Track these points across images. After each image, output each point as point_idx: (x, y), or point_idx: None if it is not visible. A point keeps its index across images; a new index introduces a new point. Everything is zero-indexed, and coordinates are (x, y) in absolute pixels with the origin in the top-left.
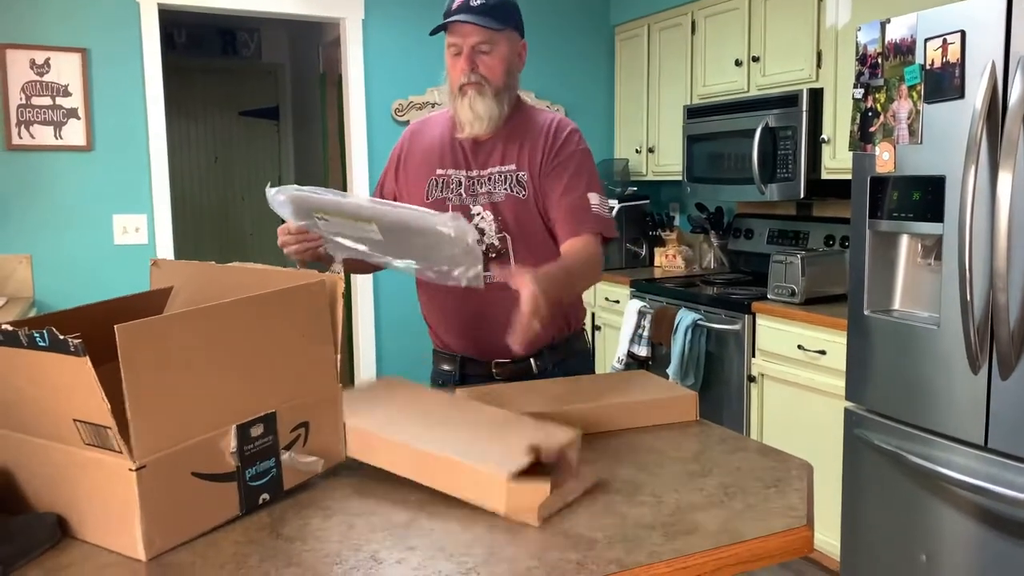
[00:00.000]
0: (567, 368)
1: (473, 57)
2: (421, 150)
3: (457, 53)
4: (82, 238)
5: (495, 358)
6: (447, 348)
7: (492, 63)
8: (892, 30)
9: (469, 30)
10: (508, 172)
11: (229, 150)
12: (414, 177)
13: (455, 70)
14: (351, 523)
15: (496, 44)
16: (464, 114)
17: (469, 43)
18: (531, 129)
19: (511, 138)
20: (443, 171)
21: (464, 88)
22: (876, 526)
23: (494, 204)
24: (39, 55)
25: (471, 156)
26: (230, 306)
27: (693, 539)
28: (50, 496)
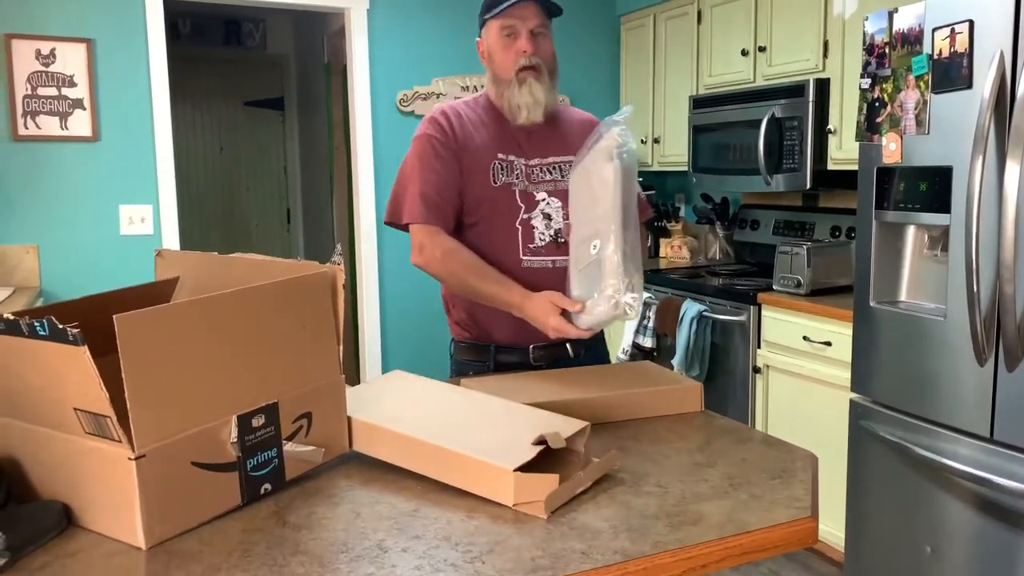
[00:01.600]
0: (595, 353)
1: (533, 39)
2: (473, 133)
3: (510, 34)
4: (88, 228)
5: (535, 342)
6: (481, 338)
7: (547, 47)
8: (900, 19)
9: (530, 12)
10: (571, 162)
11: (234, 140)
12: (474, 159)
13: (510, 52)
14: (357, 512)
15: (548, 29)
16: (524, 99)
17: (528, 25)
18: (573, 122)
19: (560, 129)
20: (504, 155)
21: (523, 74)
22: (881, 517)
23: (561, 191)
24: (44, 45)
25: (526, 144)
26: (231, 296)
27: (698, 529)
28: (53, 484)
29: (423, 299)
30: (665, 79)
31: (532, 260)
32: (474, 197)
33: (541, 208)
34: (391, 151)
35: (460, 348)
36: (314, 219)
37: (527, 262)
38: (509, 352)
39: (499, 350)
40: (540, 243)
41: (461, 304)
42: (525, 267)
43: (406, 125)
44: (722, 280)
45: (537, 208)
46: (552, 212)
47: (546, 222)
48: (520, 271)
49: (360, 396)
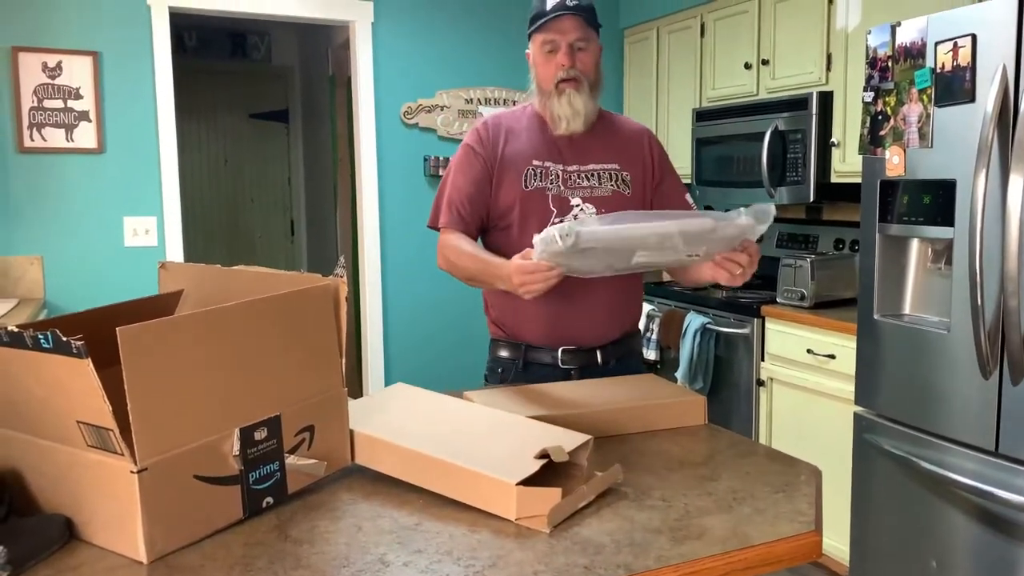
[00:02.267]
0: (626, 365)
1: (572, 53)
2: (510, 141)
3: (552, 50)
4: (93, 240)
5: (565, 345)
6: (513, 336)
7: (588, 60)
8: (902, 33)
9: (569, 27)
10: (612, 170)
11: (239, 152)
12: (508, 166)
13: (550, 66)
14: (359, 526)
15: (590, 42)
16: (563, 110)
17: (568, 39)
18: (621, 131)
19: (604, 137)
20: (539, 162)
21: (562, 85)
22: (886, 531)
23: (597, 198)
24: (51, 58)
25: (566, 151)
26: (234, 309)
27: (701, 544)
28: (56, 497)
29: (426, 312)
30: (668, 92)
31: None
32: (506, 201)
33: (574, 213)
34: (395, 163)
35: (496, 345)
36: (318, 231)
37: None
38: (539, 352)
39: (529, 349)
40: None
41: (495, 305)
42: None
43: (410, 137)
44: (726, 293)
45: (570, 213)
46: (585, 218)
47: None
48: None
49: (362, 409)
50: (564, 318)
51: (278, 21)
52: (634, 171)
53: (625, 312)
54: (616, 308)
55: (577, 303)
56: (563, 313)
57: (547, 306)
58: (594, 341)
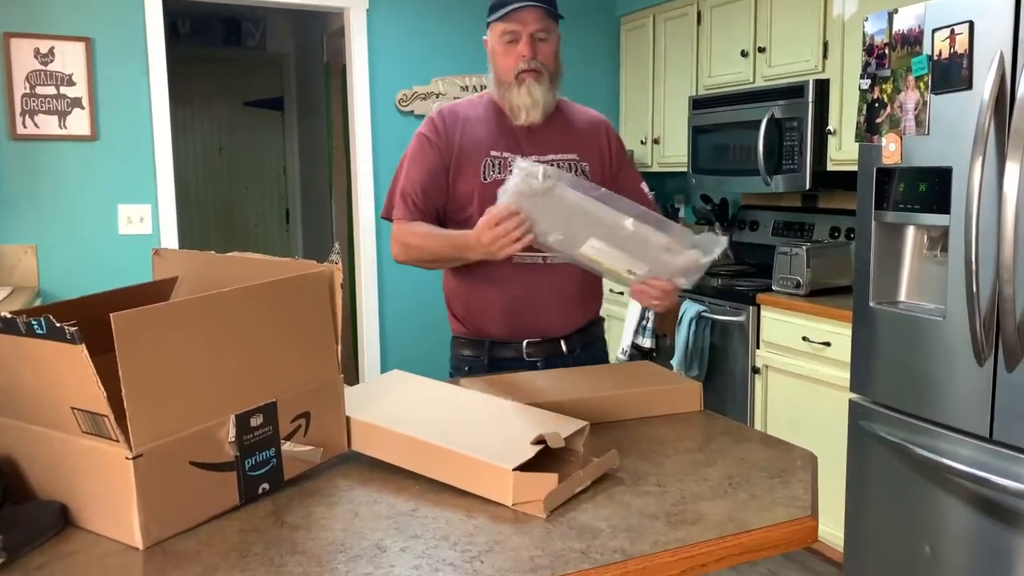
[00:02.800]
0: (591, 353)
1: (533, 44)
2: (466, 131)
3: (512, 40)
4: (87, 228)
5: (529, 338)
6: (476, 333)
7: (548, 51)
8: (899, 20)
9: (530, 17)
10: (571, 161)
11: (233, 140)
12: (464, 157)
13: (510, 57)
14: (356, 512)
15: (551, 33)
16: (522, 100)
17: (529, 30)
18: (579, 121)
19: (562, 127)
20: (497, 153)
21: (522, 76)
22: (880, 517)
23: None
24: (43, 44)
25: (525, 141)
26: (229, 295)
27: (697, 529)
28: (51, 484)
29: (422, 299)
30: (665, 80)
31: (523, 256)
32: (464, 192)
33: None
34: (390, 151)
35: (458, 343)
36: (313, 219)
37: (518, 258)
38: (504, 347)
39: (493, 345)
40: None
41: (458, 300)
42: (516, 262)
43: (405, 125)
44: (721, 281)
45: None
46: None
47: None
48: (510, 267)
49: (359, 396)
50: (528, 308)
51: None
52: (592, 162)
53: (588, 298)
54: (579, 295)
55: (541, 292)
56: (527, 303)
57: (511, 296)
58: (559, 331)
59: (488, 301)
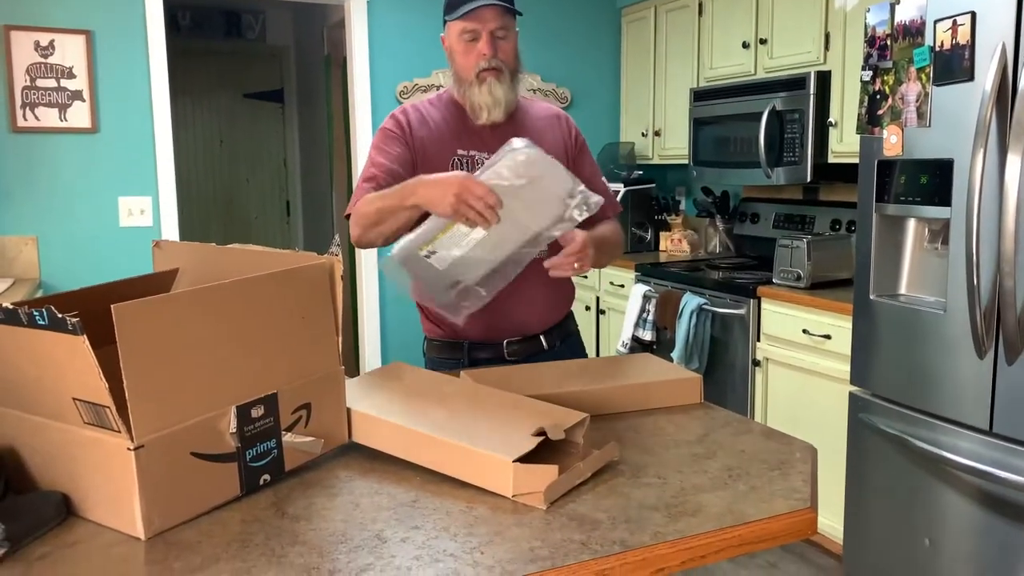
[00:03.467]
0: (569, 345)
1: (493, 43)
2: (430, 130)
3: (473, 39)
4: (87, 220)
5: (508, 337)
6: (452, 335)
7: (508, 48)
8: (901, 11)
9: (490, 15)
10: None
11: (234, 132)
12: (431, 156)
13: (470, 56)
14: (356, 502)
15: (509, 30)
16: (483, 99)
17: (489, 28)
18: (539, 116)
19: (524, 123)
20: (464, 151)
21: (483, 74)
22: (880, 510)
23: None
24: (43, 37)
25: (490, 139)
26: (230, 287)
27: (697, 520)
28: (53, 475)
29: None
30: (666, 72)
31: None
32: None
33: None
34: None
35: (433, 346)
36: (314, 211)
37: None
38: (482, 348)
39: (472, 346)
40: None
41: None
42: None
43: None
44: (722, 273)
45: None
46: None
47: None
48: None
49: (359, 387)
50: (505, 307)
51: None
52: (556, 154)
53: (563, 292)
54: (552, 290)
55: (517, 290)
56: (503, 302)
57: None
58: (538, 327)
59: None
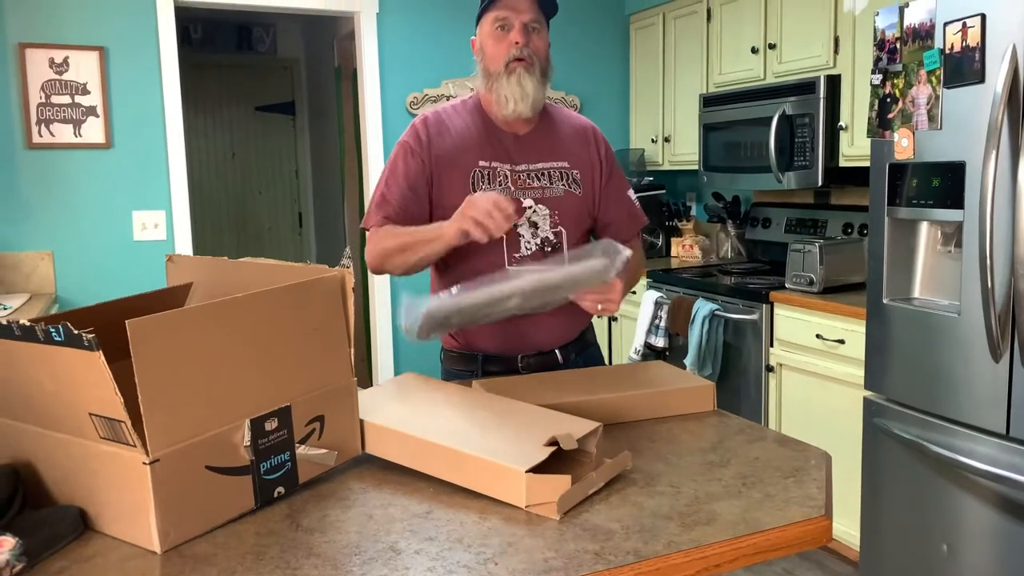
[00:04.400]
0: (587, 357)
1: (526, 32)
2: (450, 142)
3: (503, 27)
4: (102, 234)
5: (523, 352)
6: (468, 347)
7: (540, 44)
8: (910, 14)
9: (524, 6)
10: (563, 169)
11: (246, 145)
12: (450, 169)
13: (502, 45)
14: (370, 514)
15: (542, 26)
16: (512, 90)
17: (523, 18)
18: (568, 128)
19: (551, 134)
20: (486, 163)
21: (512, 65)
22: (896, 516)
23: (549, 199)
24: (58, 54)
25: (514, 150)
26: (243, 300)
27: (711, 529)
28: (69, 489)
29: None
30: (675, 77)
31: (519, 270)
32: (452, 204)
33: (528, 216)
34: None
35: (450, 357)
36: (326, 222)
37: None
38: (497, 362)
39: (487, 359)
40: (526, 251)
41: None
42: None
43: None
44: (734, 279)
45: (523, 215)
46: (539, 220)
47: (532, 230)
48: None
49: (372, 399)
50: (521, 323)
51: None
52: (583, 169)
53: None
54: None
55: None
56: (522, 320)
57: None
58: (554, 343)
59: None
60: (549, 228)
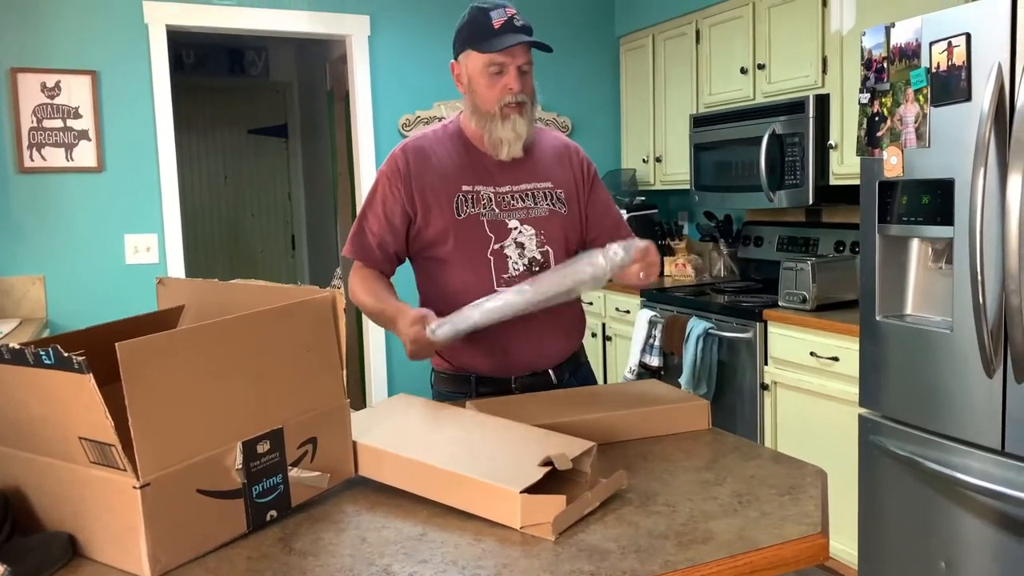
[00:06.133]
0: (581, 376)
1: (520, 78)
2: (433, 168)
3: (498, 72)
4: (94, 258)
5: (516, 373)
6: (461, 369)
7: (530, 83)
8: (897, 34)
9: (519, 50)
10: (546, 189)
11: (238, 168)
12: (433, 195)
13: (495, 89)
14: (363, 537)
15: (531, 64)
16: (507, 134)
17: (518, 63)
18: (548, 148)
19: (533, 155)
20: (469, 187)
21: (507, 109)
22: (893, 533)
23: (535, 219)
24: (50, 78)
25: (497, 172)
26: (233, 322)
27: (707, 548)
28: (59, 515)
29: None
30: (665, 98)
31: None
32: (436, 231)
33: (514, 237)
34: None
35: (441, 378)
36: (319, 244)
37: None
38: (490, 383)
39: (480, 381)
40: (514, 272)
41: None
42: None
43: None
44: (727, 297)
45: (509, 237)
46: (525, 240)
47: (519, 251)
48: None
49: (365, 420)
50: (513, 345)
51: (275, 37)
52: (567, 188)
53: (572, 328)
54: (563, 326)
55: (524, 328)
56: (511, 340)
57: (494, 335)
58: (547, 364)
59: (471, 340)
60: (536, 248)
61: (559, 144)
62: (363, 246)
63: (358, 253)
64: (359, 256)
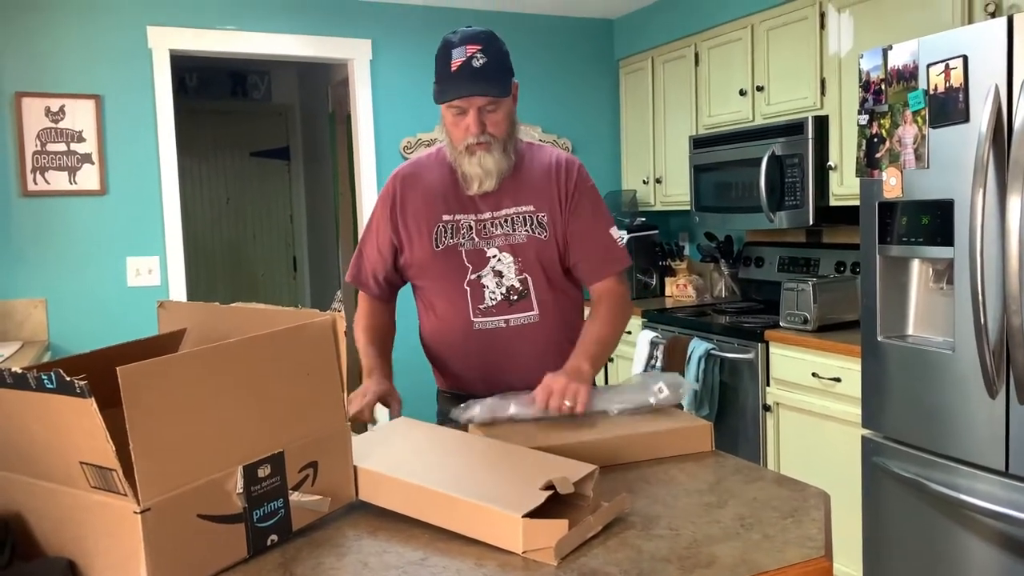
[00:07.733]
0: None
1: (481, 119)
2: (419, 196)
3: (460, 112)
4: (96, 281)
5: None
6: (460, 388)
7: (498, 119)
8: (894, 56)
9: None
10: (527, 213)
11: (241, 191)
12: (416, 225)
13: (458, 129)
14: (365, 562)
15: (500, 102)
16: (473, 170)
17: (476, 104)
18: (537, 168)
19: (518, 177)
20: (450, 216)
21: (472, 148)
22: (898, 555)
23: (513, 246)
24: (54, 103)
25: (479, 199)
26: (234, 346)
27: (710, 572)
28: (59, 540)
29: None
30: (665, 120)
31: (484, 321)
32: (419, 261)
33: (492, 265)
34: None
35: (444, 398)
36: (321, 266)
37: (479, 324)
38: None
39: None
40: (491, 302)
41: (438, 359)
42: (477, 330)
43: None
44: (729, 318)
45: (487, 266)
46: (504, 268)
47: (497, 279)
48: (473, 335)
49: (366, 444)
50: (508, 368)
51: (278, 61)
52: (550, 210)
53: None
54: (556, 346)
55: (517, 351)
56: (505, 363)
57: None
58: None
59: (466, 364)
60: (515, 276)
61: (550, 162)
62: (360, 271)
63: (356, 280)
64: (356, 283)
